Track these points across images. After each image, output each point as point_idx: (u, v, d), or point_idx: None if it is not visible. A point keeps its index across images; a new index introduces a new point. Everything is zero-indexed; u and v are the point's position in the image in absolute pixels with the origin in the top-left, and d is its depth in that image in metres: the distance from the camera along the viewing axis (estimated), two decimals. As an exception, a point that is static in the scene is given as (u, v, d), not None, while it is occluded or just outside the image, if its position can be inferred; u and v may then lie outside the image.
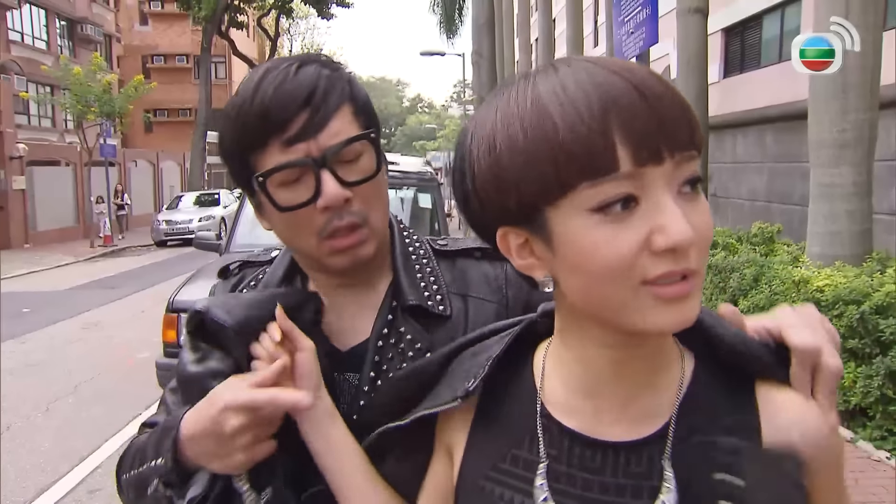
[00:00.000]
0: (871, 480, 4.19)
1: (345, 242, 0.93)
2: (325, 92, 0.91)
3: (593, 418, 0.69)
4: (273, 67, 0.92)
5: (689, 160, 0.59)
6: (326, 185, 0.90)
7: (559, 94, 0.58)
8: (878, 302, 4.69)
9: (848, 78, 5.67)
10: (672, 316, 0.59)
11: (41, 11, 27.58)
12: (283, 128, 0.89)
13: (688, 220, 0.57)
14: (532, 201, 0.60)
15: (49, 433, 5.68)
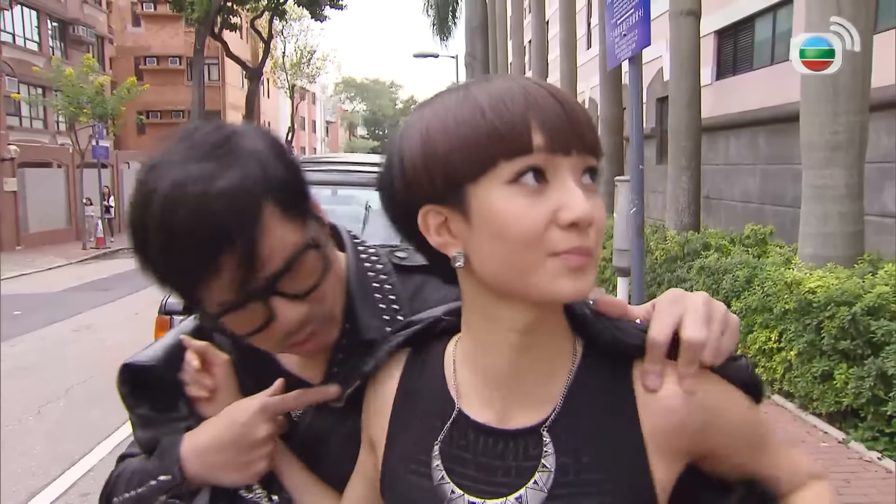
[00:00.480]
0: (863, 481, 4.20)
1: (306, 347, 0.90)
2: (242, 210, 0.77)
3: (501, 408, 0.76)
4: (176, 194, 0.77)
5: (589, 166, 0.69)
6: (280, 311, 0.83)
7: (489, 91, 0.68)
8: (869, 303, 4.71)
9: (839, 80, 5.70)
10: (572, 285, 0.67)
11: (33, 12, 27.45)
12: (213, 270, 0.79)
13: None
14: (457, 178, 0.68)
15: (41, 436, 5.65)
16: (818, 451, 4.61)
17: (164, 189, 0.78)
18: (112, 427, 5.74)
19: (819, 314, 4.98)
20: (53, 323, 10.25)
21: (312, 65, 54.46)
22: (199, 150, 0.79)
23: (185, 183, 0.77)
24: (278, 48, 50.49)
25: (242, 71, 35.93)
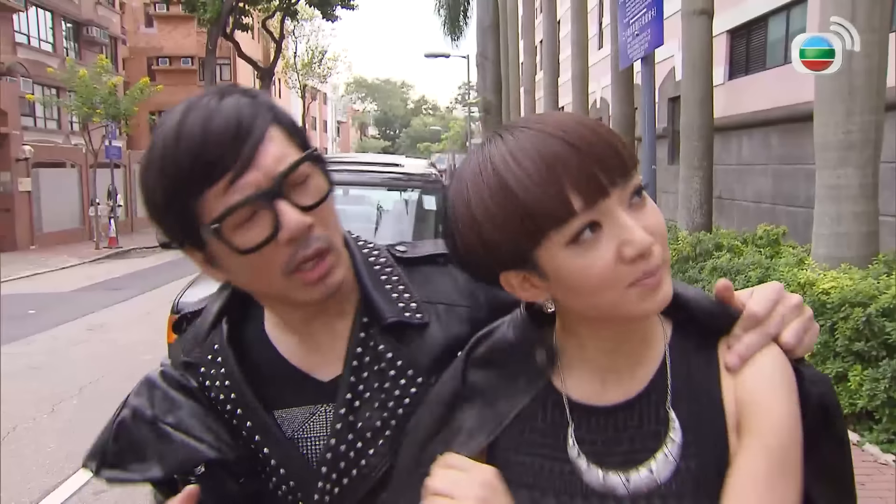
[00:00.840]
0: (878, 484, 4.17)
1: (315, 273, 0.88)
2: (251, 118, 0.84)
3: (601, 389, 0.83)
4: (192, 105, 0.85)
5: (628, 180, 0.73)
6: (286, 215, 0.84)
7: (513, 167, 0.71)
8: (884, 304, 4.67)
9: (854, 80, 5.66)
10: (654, 301, 0.74)
11: (47, 14, 27.67)
12: (223, 167, 0.82)
13: (643, 225, 0.72)
14: (518, 253, 0.74)
15: (54, 435, 5.69)
16: (832, 454, 4.57)
17: (181, 106, 0.86)
18: (124, 426, 5.77)
19: (833, 315, 4.94)
20: (66, 322, 10.32)
21: (324, 65, 54.65)
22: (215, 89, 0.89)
23: (200, 100, 0.86)
24: (290, 48, 50.68)
25: (254, 71, 36.06)
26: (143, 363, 7.52)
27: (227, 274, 0.91)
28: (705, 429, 0.79)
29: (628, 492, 0.79)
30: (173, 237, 0.90)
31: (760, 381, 0.78)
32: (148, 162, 0.86)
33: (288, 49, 49.67)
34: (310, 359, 0.97)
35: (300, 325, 0.97)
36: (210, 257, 0.89)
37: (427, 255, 1.05)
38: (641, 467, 0.79)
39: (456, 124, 72.77)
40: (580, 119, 0.75)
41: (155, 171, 0.85)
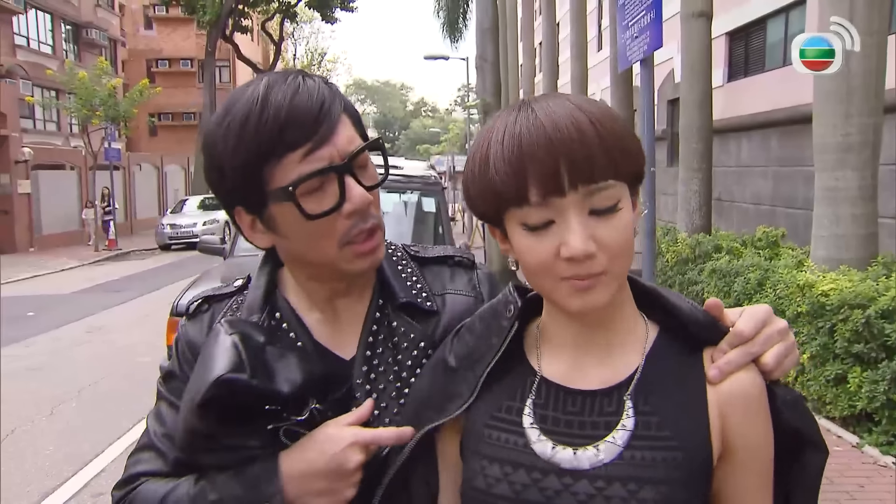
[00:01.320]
0: (877, 486, 4.17)
1: (368, 246, 0.97)
2: (331, 100, 0.94)
3: (576, 373, 0.88)
4: (277, 80, 0.93)
5: (599, 191, 0.78)
6: (353, 189, 0.93)
7: (499, 144, 0.79)
8: (883, 306, 4.67)
9: (852, 82, 5.66)
10: (579, 302, 0.81)
11: (46, 16, 27.68)
12: (305, 137, 0.90)
13: (596, 235, 0.78)
14: (488, 215, 0.85)
15: (53, 437, 5.68)
16: (832, 456, 4.53)
17: (259, 80, 0.95)
18: (124, 428, 5.77)
19: (832, 317, 4.94)
20: (66, 324, 10.32)
21: (323, 67, 54.70)
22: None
23: (282, 77, 0.94)
24: (289, 50, 50.72)
25: (253, 73, 36.07)
26: (142, 365, 7.52)
27: (283, 238, 0.98)
28: (683, 424, 0.84)
29: (571, 467, 0.84)
30: (231, 199, 0.97)
31: (743, 408, 0.85)
32: (222, 126, 0.93)
33: (287, 51, 49.69)
34: (332, 336, 1.04)
35: (325, 304, 1.05)
36: (267, 221, 0.97)
37: (438, 256, 1.16)
38: (590, 447, 0.84)
39: (455, 126, 72.76)
40: (583, 112, 0.79)
41: (233, 135, 0.91)
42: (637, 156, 0.82)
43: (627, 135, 0.80)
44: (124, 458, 4.34)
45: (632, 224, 0.82)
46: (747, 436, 0.85)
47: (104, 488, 4.71)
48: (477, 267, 1.17)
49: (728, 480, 0.86)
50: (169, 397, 1.07)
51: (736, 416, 0.85)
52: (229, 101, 0.95)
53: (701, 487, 0.84)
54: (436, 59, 26.15)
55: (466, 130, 36.35)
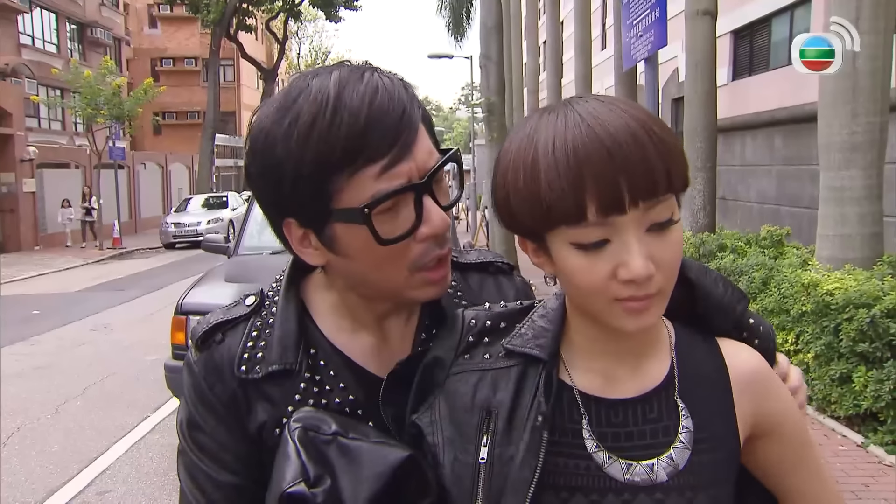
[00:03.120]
0: (882, 485, 4.15)
1: (440, 273, 0.88)
2: (411, 108, 0.82)
3: (610, 383, 0.84)
4: (351, 76, 0.82)
5: (657, 205, 0.73)
6: (433, 211, 0.83)
7: (551, 154, 0.72)
8: (889, 305, 4.66)
9: (858, 81, 5.64)
10: (635, 323, 0.76)
11: (51, 15, 27.75)
12: (384, 150, 0.79)
13: (653, 254, 0.73)
14: (532, 231, 0.78)
15: (58, 435, 5.70)
16: (837, 455, 4.56)
17: (328, 75, 0.83)
18: (129, 426, 5.78)
19: (837, 316, 4.93)
20: (71, 322, 10.35)
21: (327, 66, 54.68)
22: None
23: (354, 72, 0.83)
24: (293, 49, 50.74)
25: (258, 72, 36.11)
26: (147, 364, 7.53)
27: (344, 259, 0.87)
28: (715, 416, 0.83)
29: (653, 482, 0.80)
30: (282, 209, 0.86)
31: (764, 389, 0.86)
32: (282, 125, 0.81)
33: (291, 50, 49.71)
34: (381, 361, 0.94)
35: (373, 325, 0.95)
36: (327, 238, 0.85)
37: (478, 263, 1.07)
38: (661, 457, 0.81)
39: (459, 125, 72.76)
40: (637, 122, 0.73)
41: (298, 137, 0.79)
42: (686, 166, 0.77)
43: (676, 143, 0.75)
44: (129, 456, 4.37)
45: (682, 239, 0.77)
46: (776, 412, 0.86)
47: (109, 486, 4.72)
48: (515, 273, 1.11)
49: (771, 457, 0.87)
50: (199, 462, 0.93)
51: (759, 398, 0.85)
52: (289, 95, 0.82)
53: (734, 478, 0.85)
54: (439, 57, 26.10)
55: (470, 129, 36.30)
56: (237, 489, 0.92)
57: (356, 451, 0.83)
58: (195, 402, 0.93)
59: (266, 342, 0.92)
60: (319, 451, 0.82)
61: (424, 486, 0.84)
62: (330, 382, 0.92)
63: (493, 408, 0.83)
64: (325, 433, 0.84)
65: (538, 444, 0.79)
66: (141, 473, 4.89)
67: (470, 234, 18.89)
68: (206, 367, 0.93)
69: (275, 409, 0.90)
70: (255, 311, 0.96)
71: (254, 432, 0.91)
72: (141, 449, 5.31)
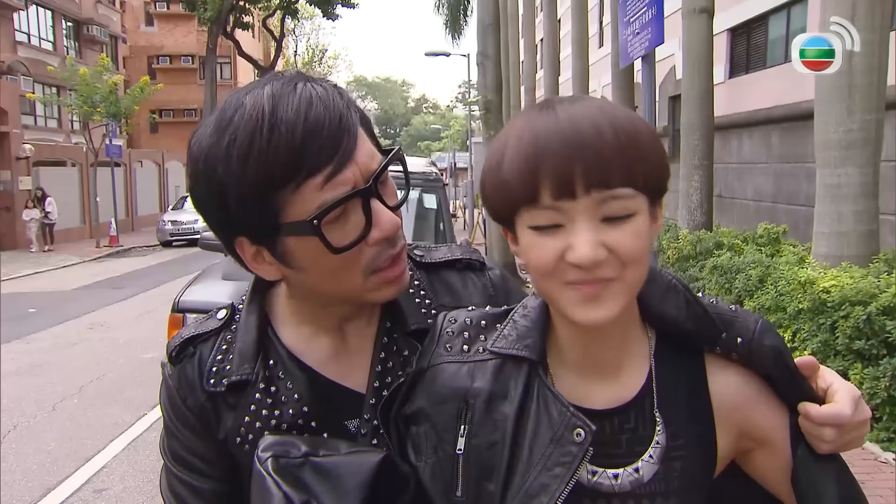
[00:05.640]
0: (878, 482, 4.17)
1: (395, 271, 0.88)
2: (348, 113, 0.82)
3: (587, 392, 0.85)
4: (283, 90, 0.81)
5: (612, 199, 0.74)
6: (381, 214, 0.83)
7: (517, 140, 0.76)
8: (885, 303, 4.67)
9: (854, 79, 5.65)
10: (586, 313, 0.76)
11: (47, 12, 27.68)
12: (326, 160, 0.79)
13: (606, 241, 0.74)
14: (500, 215, 0.80)
15: (55, 433, 5.69)
16: (832, 452, 4.58)
17: (259, 91, 0.81)
18: (126, 424, 5.78)
19: (833, 314, 4.94)
20: (67, 320, 10.33)
21: (324, 63, 54.66)
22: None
23: (285, 86, 0.82)
24: (290, 47, 50.68)
25: (254, 70, 36.02)
26: (143, 361, 7.53)
27: (299, 272, 0.87)
28: (692, 429, 0.84)
29: (615, 490, 0.82)
30: (232, 230, 0.86)
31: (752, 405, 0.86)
32: (221, 146, 0.80)
33: (288, 48, 49.66)
34: (341, 366, 0.95)
35: (333, 330, 0.96)
36: (280, 253, 0.86)
37: (446, 261, 1.06)
38: (628, 467, 0.82)
39: (457, 123, 72.72)
40: (607, 117, 0.75)
41: (236, 158, 0.79)
42: (659, 168, 0.77)
43: (650, 144, 0.76)
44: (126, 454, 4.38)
45: (648, 233, 0.76)
46: (763, 428, 0.85)
47: (106, 484, 4.72)
48: (488, 268, 1.08)
49: (766, 466, 0.87)
50: (177, 471, 0.96)
51: (742, 416, 0.85)
52: (224, 114, 0.81)
53: (707, 486, 0.85)
54: (437, 55, 26.12)
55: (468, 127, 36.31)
56: (215, 494, 0.95)
57: (331, 467, 0.84)
58: (170, 413, 0.96)
59: (232, 356, 0.94)
60: (295, 477, 0.82)
61: (402, 483, 0.86)
62: (285, 393, 0.92)
63: (471, 397, 0.85)
64: (294, 457, 0.84)
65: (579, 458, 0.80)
66: (137, 471, 4.89)
67: (467, 233, 18.89)
68: (180, 381, 0.95)
69: (236, 418, 0.92)
70: (225, 325, 0.97)
71: (222, 440, 0.93)
72: (138, 446, 5.31)
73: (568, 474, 0.79)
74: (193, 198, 0.87)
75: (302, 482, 0.82)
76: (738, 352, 0.83)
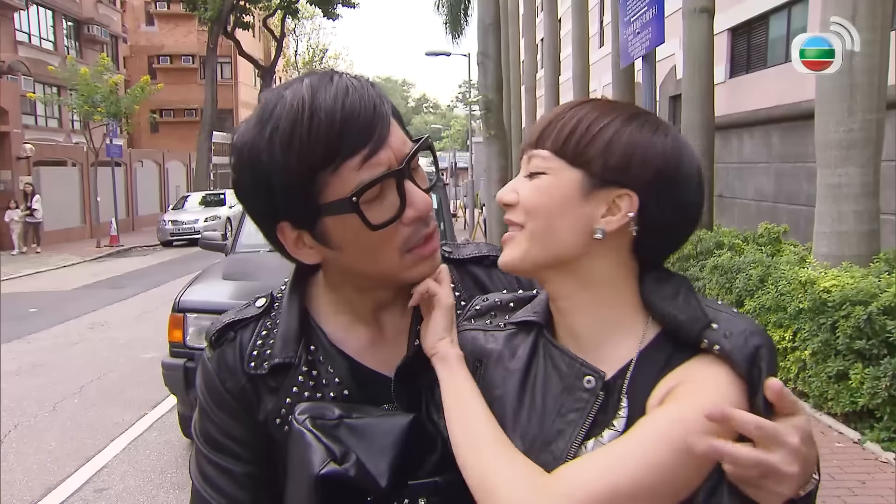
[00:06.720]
0: (879, 482, 4.17)
1: (429, 248, 0.93)
2: (380, 100, 0.88)
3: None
4: (321, 82, 0.87)
5: (533, 157, 0.88)
6: (415, 194, 0.89)
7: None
8: (885, 303, 4.67)
9: (855, 78, 5.65)
10: (502, 254, 0.90)
11: (48, 12, 27.68)
12: (363, 142, 0.85)
13: (518, 188, 0.87)
14: None
15: (55, 433, 5.70)
16: (833, 452, 4.58)
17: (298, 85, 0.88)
18: (126, 423, 5.78)
19: (834, 313, 4.94)
20: (68, 320, 10.33)
21: (325, 63, 54.61)
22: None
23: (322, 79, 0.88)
24: (290, 46, 50.68)
25: (255, 69, 36.05)
26: (144, 361, 7.53)
27: (338, 252, 0.92)
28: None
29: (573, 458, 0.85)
30: (275, 216, 0.91)
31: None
32: (264, 137, 0.86)
33: (289, 47, 49.65)
34: (378, 355, 1.00)
35: (370, 317, 1.00)
36: (320, 235, 0.91)
37: (474, 257, 1.12)
38: (591, 440, 0.84)
39: (457, 122, 72.74)
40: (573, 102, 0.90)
41: (280, 146, 0.85)
42: (572, 135, 0.84)
43: (575, 118, 0.85)
44: (127, 453, 4.39)
45: (556, 192, 0.84)
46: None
47: (107, 484, 4.72)
48: None
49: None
50: (211, 455, 1.00)
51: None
52: (266, 108, 0.88)
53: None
54: (437, 55, 26.11)
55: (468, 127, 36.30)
56: (248, 477, 0.99)
57: (364, 427, 0.90)
58: (207, 397, 1.00)
59: (273, 340, 0.99)
60: (333, 435, 0.88)
61: (430, 443, 0.92)
62: (326, 377, 0.98)
63: (484, 357, 0.93)
64: (330, 418, 0.90)
65: (591, 402, 0.84)
66: (138, 471, 4.90)
67: (468, 232, 18.89)
68: (219, 364, 0.99)
69: (277, 400, 0.97)
70: (265, 312, 1.02)
71: (262, 423, 0.97)
72: (139, 446, 5.32)
73: (582, 418, 0.84)
74: (237, 190, 0.92)
75: (339, 439, 0.88)
76: (722, 345, 0.80)
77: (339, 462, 0.85)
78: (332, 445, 0.86)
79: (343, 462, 0.86)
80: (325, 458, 0.85)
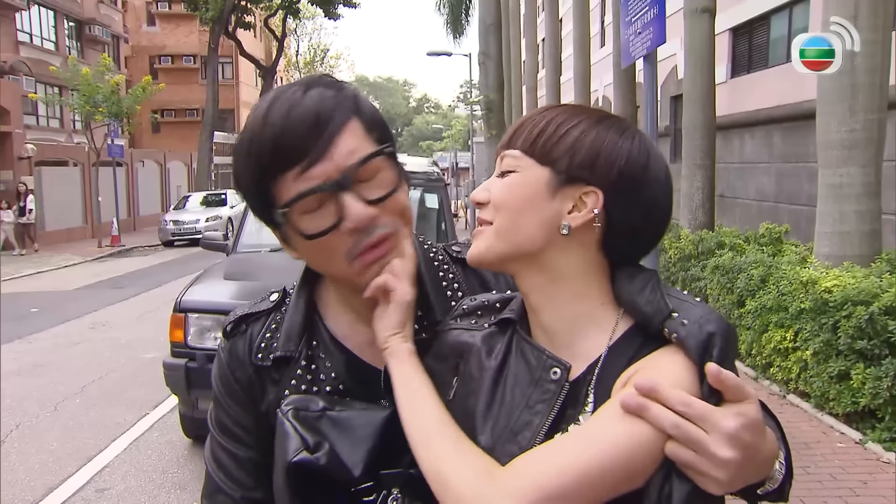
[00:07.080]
0: (880, 482, 4.16)
1: (373, 255, 0.94)
2: (331, 111, 0.91)
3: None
4: (279, 96, 0.92)
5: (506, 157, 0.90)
6: (350, 207, 0.90)
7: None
8: (887, 303, 4.66)
9: (857, 78, 5.65)
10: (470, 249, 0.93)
11: (49, 13, 27.71)
12: (297, 155, 0.89)
13: (490, 187, 0.90)
14: None
15: (57, 433, 5.70)
16: (835, 452, 4.57)
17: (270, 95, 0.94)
18: (128, 423, 5.78)
19: (835, 314, 4.94)
20: (69, 320, 10.34)
21: (326, 63, 54.64)
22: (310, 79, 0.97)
23: (286, 91, 0.93)
24: (292, 47, 50.70)
25: (256, 69, 36.06)
26: (145, 361, 7.54)
27: (299, 254, 0.98)
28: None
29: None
30: (257, 216, 0.98)
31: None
32: (238, 145, 0.94)
33: (290, 47, 49.66)
34: (377, 351, 1.00)
35: (370, 316, 1.01)
36: (284, 238, 0.97)
37: None
38: (559, 434, 0.84)
39: (458, 123, 72.70)
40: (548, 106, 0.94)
41: (242, 154, 0.93)
42: (540, 136, 0.87)
43: (545, 120, 0.88)
44: (128, 453, 4.38)
45: (524, 188, 0.87)
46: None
47: (108, 484, 4.72)
48: None
49: None
50: (223, 441, 1.06)
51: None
52: (250, 114, 0.95)
53: None
54: (438, 55, 26.13)
55: (469, 127, 36.30)
56: (255, 464, 1.04)
57: (345, 419, 0.95)
58: (220, 386, 1.07)
59: (280, 334, 1.05)
60: (312, 426, 0.93)
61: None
62: (323, 371, 1.02)
63: (465, 353, 0.95)
64: (313, 410, 0.95)
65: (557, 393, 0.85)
66: (139, 470, 4.90)
67: (469, 232, 18.90)
68: (231, 355, 1.06)
69: (278, 391, 1.02)
70: (277, 307, 1.08)
71: (264, 412, 1.03)
72: (140, 446, 5.32)
73: (548, 409, 0.85)
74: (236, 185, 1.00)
75: (318, 430, 0.93)
76: (678, 332, 0.79)
77: (311, 451, 0.90)
78: (306, 435, 0.91)
79: (315, 451, 0.90)
80: (298, 446, 0.90)
